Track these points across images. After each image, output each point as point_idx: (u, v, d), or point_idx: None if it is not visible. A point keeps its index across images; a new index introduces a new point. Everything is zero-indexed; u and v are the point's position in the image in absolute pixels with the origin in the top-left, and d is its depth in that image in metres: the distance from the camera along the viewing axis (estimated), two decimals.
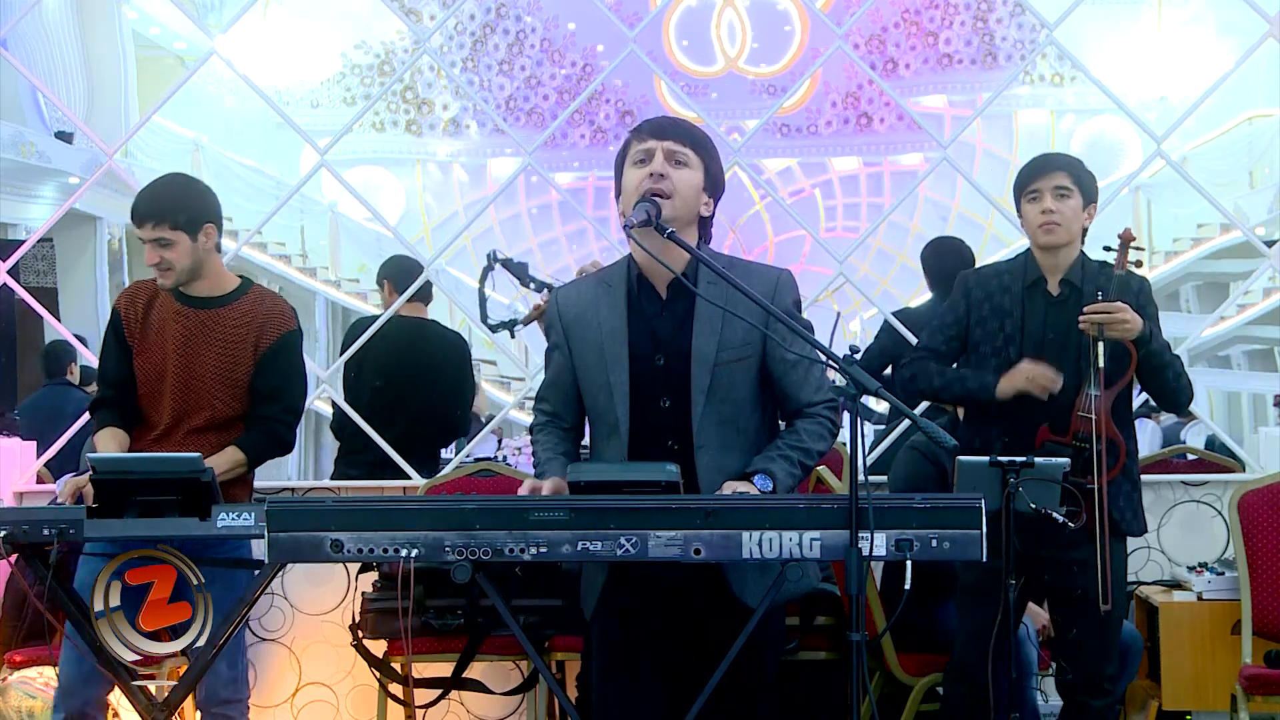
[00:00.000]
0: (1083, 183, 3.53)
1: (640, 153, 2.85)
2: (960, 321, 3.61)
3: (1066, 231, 3.50)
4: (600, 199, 13.06)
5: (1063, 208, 3.50)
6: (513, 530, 2.63)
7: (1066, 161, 3.58)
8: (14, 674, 4.25)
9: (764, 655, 2.87)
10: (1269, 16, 4.78)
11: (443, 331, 5.86)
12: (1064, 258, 3.54)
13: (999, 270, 3.63)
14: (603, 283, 2.95)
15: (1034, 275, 3.56)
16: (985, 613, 3.43)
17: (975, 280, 3.63)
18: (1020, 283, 3.56)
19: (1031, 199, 3.54)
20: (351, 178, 7.22)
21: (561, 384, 2.97)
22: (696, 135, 2.89)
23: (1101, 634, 3.46)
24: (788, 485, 2.80)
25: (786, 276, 2.92)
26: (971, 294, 3.61)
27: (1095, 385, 3.42)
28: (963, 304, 3.61)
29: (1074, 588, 3.43)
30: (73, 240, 11.28)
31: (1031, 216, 3.54)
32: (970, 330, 3.59)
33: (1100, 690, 3.47)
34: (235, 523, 3.03)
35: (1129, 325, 3.40)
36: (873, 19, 13.24)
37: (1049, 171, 3.53)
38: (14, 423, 7.18)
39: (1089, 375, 3.42)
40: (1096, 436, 3.39)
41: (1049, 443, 3.43)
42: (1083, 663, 3.47)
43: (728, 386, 2.84)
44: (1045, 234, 3.50)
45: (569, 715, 3.28)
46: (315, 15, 13.74)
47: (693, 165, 2.85)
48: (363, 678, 4.48)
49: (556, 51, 13.66)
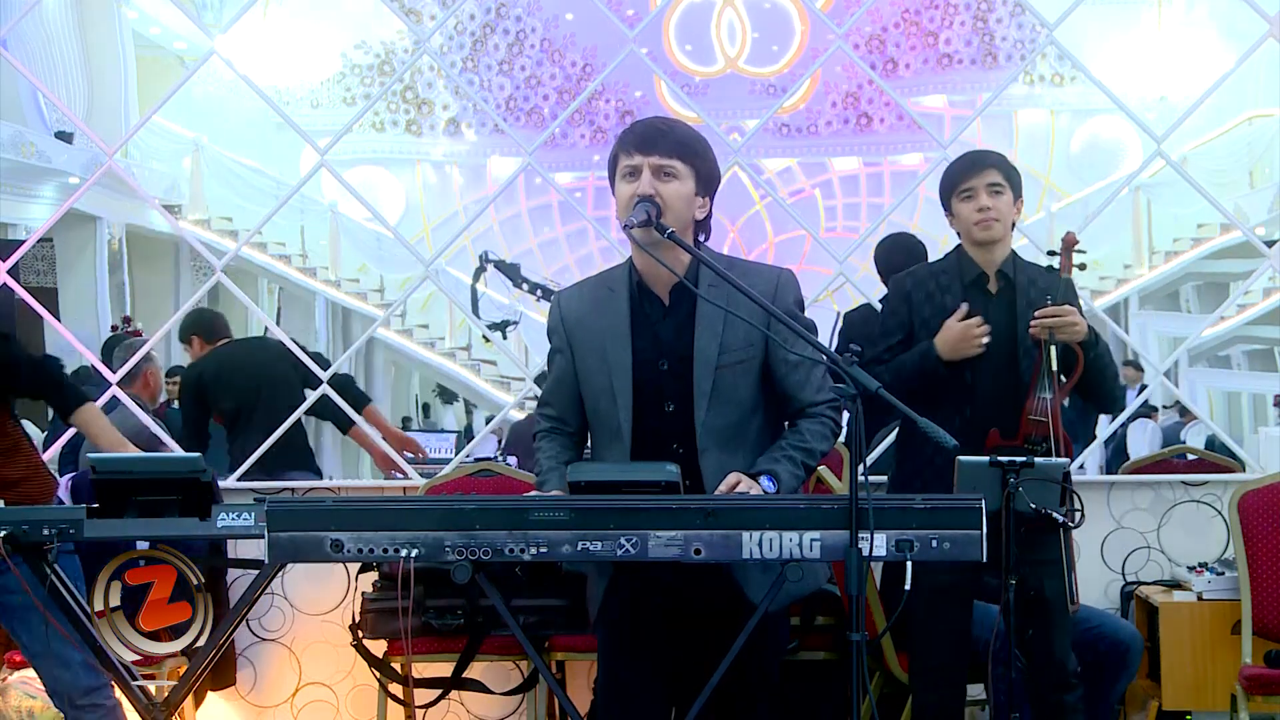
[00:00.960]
0: (1012, 179, 3.58)
1: (628, 168, 2.83)
2: (904, 326, 3.61)
3: (1002, 227, 3.55)
4: (600, 199, 13.05)
5: (998, 204, 3.53)
6: (513, 530, 2.63)
7: (997, 158, 3.61)
8: (14, 674, 4.25)
9: (766, 656, 2.87)
10: (1269, 16, 4.78)
11: (263, 341, 6.20)
12: (998, 253, 3.58)
13: (933, 270, 3.65)
14: (604, 286, 2.94)
15: (973, 273, 3.58)
16: (954, 614, 3.45)
17: (913, 283, 3.64)
18: (959, 281, 3.58)
19: (965, 197, 3.57)
20: (351, 178, 7.21)
21: (565, 388, 2.97)
22: (684, 142, 2.83)
23: (1061, 630, 3.47)
24: (792, 486, 2.81)
25: (787, 276, 2.91)
26: (912, 296, 3.62)
27: (1047, 388, 3.45)
28: (904, 308, 3.62)
29: (1029, 587, 3.42)
30: (73, 240, 11.29)
31: (966, 214, 3.56)
32: (915, 332, 3.59)
33: (1068, 685, 3.48)
34: (235, 523, 3.02)
35: (1077, 327, 3.46)
36: (873, 19, 13.24)
37: (982, 169, 3.56)
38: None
39: (1041, 379, 3.45)
40: (1055, 438, 3.43)
41: (1000, 447, 3.43)
42: (1047, 660, 3.47)
43: (730, 389, 2.84)
44: (983, 230, 3.54)
45: (569, 715, 3.28)
46: (315, 15, 13.74)
47: (681, 175, 2.82)
48: (363, 678, 4.48)
49: (556, 51, 13.66)
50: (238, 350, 5.80)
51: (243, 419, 5.51)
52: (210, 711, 4.56)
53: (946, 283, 3.59)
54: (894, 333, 3.62)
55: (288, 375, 5.43)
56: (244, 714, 4.69)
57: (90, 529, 3.04)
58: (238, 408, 5.53)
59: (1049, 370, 3.45)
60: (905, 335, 3.60)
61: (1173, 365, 10.93)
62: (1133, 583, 4.55)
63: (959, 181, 3.58)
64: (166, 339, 7.67)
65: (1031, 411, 3.45)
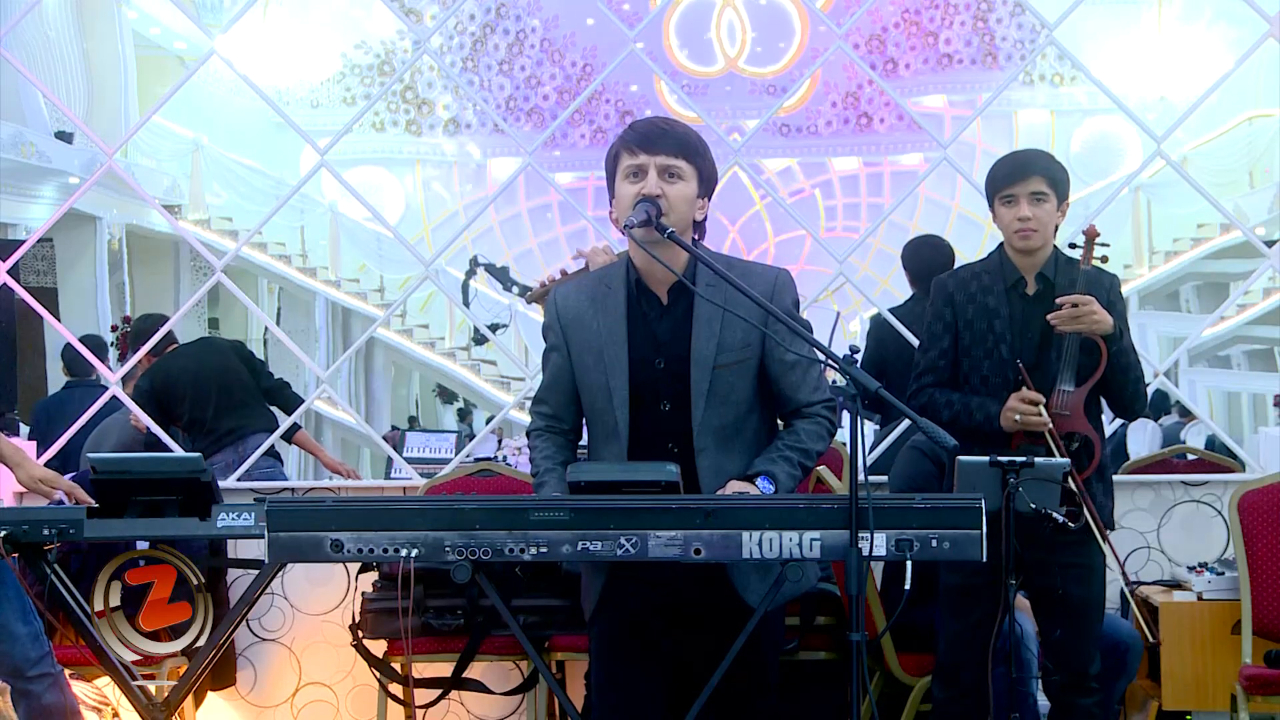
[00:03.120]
0: (1058, 185, 3.52)
1: (632, 167, 2.82)
2: (950, 328, 3.58)
3: (1042, 236, 3.50)
4: (600, 199, 12.97)
5: (1039, 213, 3.48)
6: (513, 530, 2.63)
7: (1044, 165, 3.53)
8: None
9: (764, 655, 2.87)
10: (1269, 16, 4.78)
11: (208, 342, 6.28)
12: (1039, 257, 3.55)
13: (976, 271, 3.62)
14: (602, 284, 2.93)
15: (1013, 276, 3.56)
16: (971, 614, 3.45)
17: (955, 284, 3.61)
18: (1001, 283, 3.56)
19: (1007, 203, 3.52)
20: (351, 178, 7.21)
21: (561, 386, 2.96)
22: (688, 142, 2.84)
23: (1084, 633, 3.47)
24: (788, 487, 2.81)
25: (785, 276, 2.91)
26: (954, 297, 3.59)
27: (1068, 381, 3.43)
28: (948, 310, 3.59)
29: (1056, 589, 3.42)
30: (73, 240, 11.28)
31: (1007, 220, 3.52)
32: (959, 334, 3.57)
33: (1087, 689, 3.48)
34: (235, 523, 3.03)
35: (1098, 319, 3.40)
36: (873, 19, 13.23)
37: (1026, 177, 3.50)
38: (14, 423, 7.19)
39: (1062, 373, 3.43)
40: (1069, 432, 3.41)
41: (1024, 445, 3.42)
42: (1067, 663, 3.47)
43: (727, 389, 2.84)
44: (1022, 239, 3.51)
45: (569, 715, 3.28)
46: (315, 15, 13.74)
47: (686, 176, 2.82)
48: (363, 678, 4.48)
49: (556, 51, 13.66)
50: (184, 358, 5.65)
51: (202, 428, 5.46)
52: (210, 711, 4.56)
53: (988, 283, 3.56)
54: (941, 337, 3.58)
55: (238, 371, 5.49)
56: (244, 714, 4.69)
57: (90, 529, 3.04)
58: (193, 419, 5.47)
59: (1070, 363, 3.43)
60: (952, 338, 3.58)
61: (1173, 365, 10.94)
62: (1133, 582, 4.55)
63: (1001, 186, 3.53)
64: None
65: (1053, 406, 3.43)
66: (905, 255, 5.09)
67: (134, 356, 5.26)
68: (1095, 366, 3.44)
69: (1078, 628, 3.46)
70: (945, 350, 3.58)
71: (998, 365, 3.50)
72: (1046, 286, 3.53)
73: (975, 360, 3.54)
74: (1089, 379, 3.44)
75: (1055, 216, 3.53)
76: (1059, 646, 3.47)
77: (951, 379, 3.58)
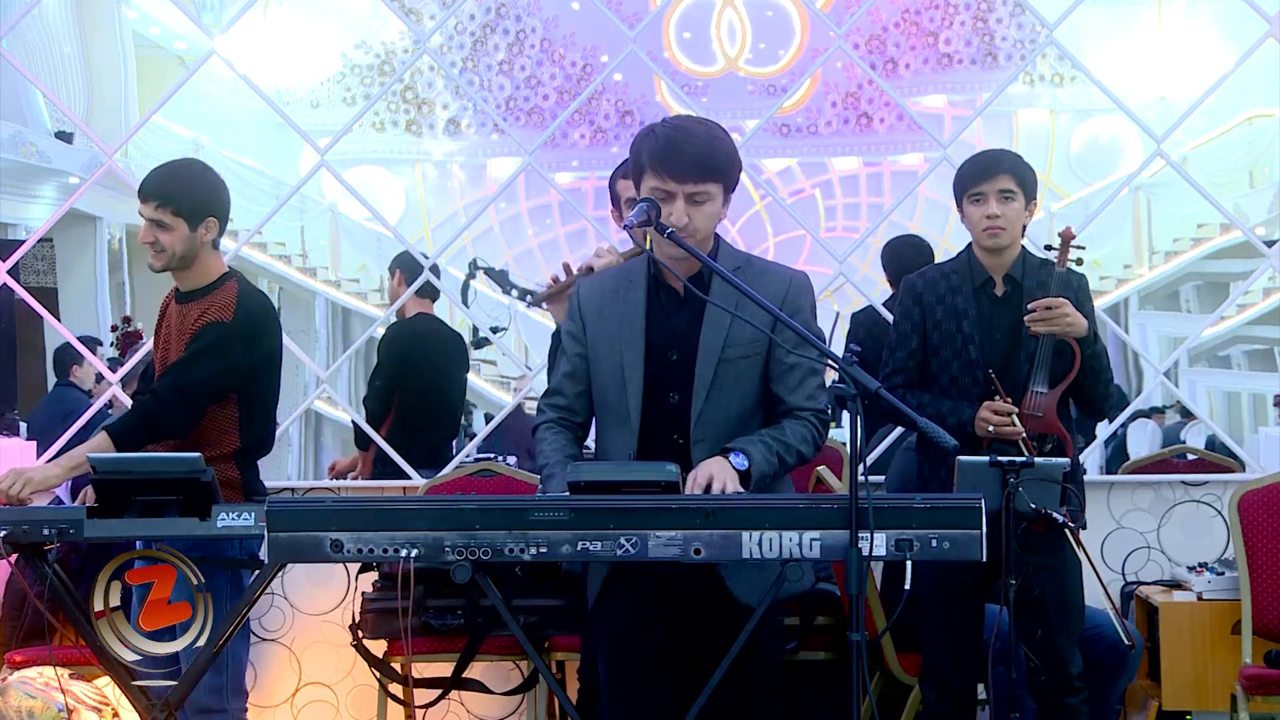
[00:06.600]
0: (1025, 183, 3.54)
1: (660, 191, 2.81)
2: (919, 329, 3.59)
3: (1010, 235, 3.52)
4: (600, 199, 13.03)
5: (1007, 211, 3.50)
6: (513, 530, 2.64)
7: (1012, 164, 3.55)
8: (14, 674, 4.25)
9: (763, 655, 2.87)
10: (1269, 16, 4.78)
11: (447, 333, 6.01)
12: (1006, 257, 3.56)
13: (944, 271, 3.63)
14: (625, 277, 2.97)
15: (981, 276, 3.57)
16: (957, 616, 3.45)
17: (923, 284, 3.63)
18: (970, 283, 3.56)
19: (975, 201, 3.54)
20: (351, 178, 7.22)
21: (578, 376, 2.97)
22: (713, 162, 2.82)
23: (1066, 633, 3.49)
24: (763, 470, 2.79)
25: (800, 279, 2.93)
26: (923, 298, 3.60)
27: (1041, 382, 3.44)
28: (916, 310, 3.61)
29: (1032, 589, 3.42)
30: (73, 240, 11.28)
31: (976, 218, 3.54)
32: (928, 334, 3.58)
33: (1072, 688, 3.50)
34: (235, 523, 3.02)
35: (1071, 321, 3.41)
36: (873, 19, 13.22)
37: (994, 175, 3.52)
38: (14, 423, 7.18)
39: (1035, 374, 3.44)
40: (1042, 433, 3.42)
41: (996, 445, 3.42)
42: (1050, 663, 3.47)
43: (733, 382, 2.85)
44: (990, 238, 3.52)
45: (569, 715, 3.28)
46: (315, 15, 13.73)
47: (712, 195, 2.84)
48: (363, 678, 4.48)
49: (556, 51, 13.65)
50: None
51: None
52: None
53: (957, 283, 3.57)
54: (909, 337, 3.60)
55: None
56: None
57: (90, 529, 3.04)
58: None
59: (1044, 365, 3.44)
60: (920, 338, 3.59)
61: (1173, 365, 10.93)
62: (1133, 582, 4.55)
63: (970, 184, 3.55)
64: None
65: (1026, 407, 3.44)
66: (885, 256, 5.12)
67: (133, 358, 5.25)
68: (1068, 369, 3.45)
69: (1054, 627, 3.46)
70: (914, 351, 3.59)
71: (966, 366, 3.51)
72: (1015, 288, 3.54)
73: (944, 361, 3.55)
74: (1062, 381, 3.46)
75: (1023, 216, 3.55)
76: (1039, 646, 3.47)
77: (921, 380, 3.60)
